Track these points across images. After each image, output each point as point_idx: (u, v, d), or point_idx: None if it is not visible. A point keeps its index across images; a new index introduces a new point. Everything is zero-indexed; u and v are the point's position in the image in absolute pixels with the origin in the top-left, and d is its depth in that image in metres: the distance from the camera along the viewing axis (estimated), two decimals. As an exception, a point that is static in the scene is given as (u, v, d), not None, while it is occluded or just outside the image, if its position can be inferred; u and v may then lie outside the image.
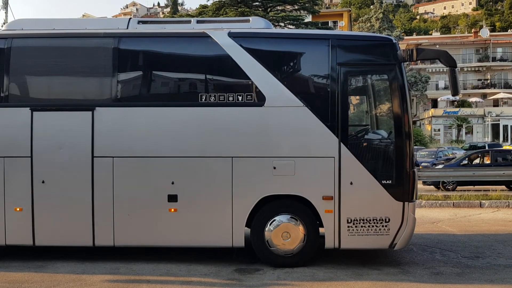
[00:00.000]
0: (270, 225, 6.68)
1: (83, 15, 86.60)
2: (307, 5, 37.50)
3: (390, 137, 6.74)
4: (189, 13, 55.47)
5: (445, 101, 45.82)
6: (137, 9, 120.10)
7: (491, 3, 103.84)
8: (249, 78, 6.70)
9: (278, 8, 37.41)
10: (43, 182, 6.76)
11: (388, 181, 6.55)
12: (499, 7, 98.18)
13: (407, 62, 6.75)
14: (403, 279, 6.23)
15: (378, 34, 8.09)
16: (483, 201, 12.91)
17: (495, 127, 42.68)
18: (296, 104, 6.64)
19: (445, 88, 48.85)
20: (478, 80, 49.95)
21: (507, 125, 41.33)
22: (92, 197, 6.73)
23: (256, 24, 7.17)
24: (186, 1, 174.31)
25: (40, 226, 6.78)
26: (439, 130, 45.07)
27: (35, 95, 7.11)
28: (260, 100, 6.68)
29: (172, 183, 6.69)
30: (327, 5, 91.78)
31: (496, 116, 42.64)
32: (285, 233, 6.65)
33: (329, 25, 46.40)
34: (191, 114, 6.76)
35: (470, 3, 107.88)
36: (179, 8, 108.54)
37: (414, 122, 43.65)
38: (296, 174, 6.61)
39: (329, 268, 6.65)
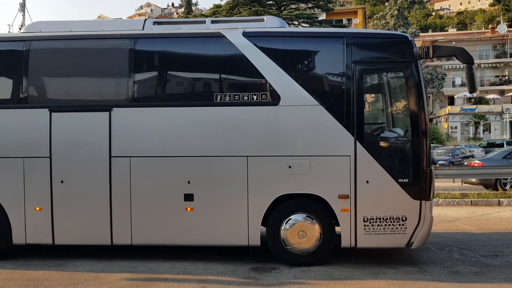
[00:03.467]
0: (286, 224, 6.69)
1: (99, 17, 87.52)
2: (321, 3, 37.33)
3: (406, 135, 6.70)
4: (203, 13, 55.66)
5: (462, 98, 45.24)
6: (151, 10, 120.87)
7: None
8: (263, 77, 6.72)
9: (292, 6, 37.34)
10: (62, 182, 6.87)
11: (404, 180, 6.52)
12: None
13: (423, 60, 6.66)
14: (420, 278, 6.18)
15: (394, 32, 8.09)
16: (502, 199, 12.72)
17: (513, 124, 41.99)
18: (311, 102, 6.64)
19: (462, 85, 48.29)
20: (496, 76, 49.22)
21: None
22: (110, 196, 6.81)
23: (271, 23, 7.19)
24: (200, 1, 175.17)
25: (59, 225, 6.89)
26: (456, 127, 44.54)
27: (53, 96, 7.21)
28: (275, 99, 6.69)
29: (188, 182, 6.74)
30: (341, 3, 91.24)
31: (514, 113, 41.94)
32: (301, 232, 6.65)
33: (344, 22, 46.17)
34: (206, 114, 6.80)
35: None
36: (193, 8, 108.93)
37: (431, 120, 43.15)
38: (312, 173, 6.61)
39: (345, 267, 6.63)
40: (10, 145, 6.96)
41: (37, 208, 6.89)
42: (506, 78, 48.80)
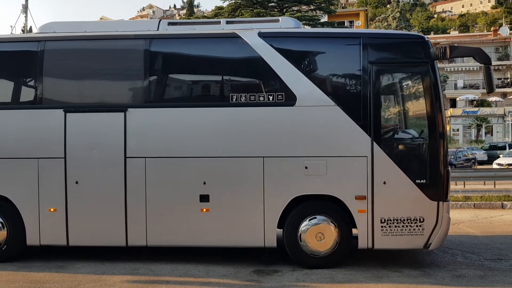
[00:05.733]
0: (303, 225, 6.65)
1: (100, 18, 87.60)
2: (323, 5, 37.30)
3: (423, 136, 6.68)
4: (205, 14, 55.67)
5: (464, 100, 45.14)
6: (153, 12, 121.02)
7: (510, 0, 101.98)
8: (279, 77, 6.70)
9: (294, 8, 37.29)
10: (76, 182, 6.84)
11: (422, 181, 6.48)
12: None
13: (440, 60, 6.67)
14: (424, 281, 6.13)
15: (410, 32, 8.05)
16: (505, 202, 12.67)
17: (515, 127, 41.88)
18: (328, 103, 6.62)
19: (464, 87, 48.23)
20: (498, 79, 49.07)
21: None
22: (125, 197, 6.79)
23: (286, 24, 7.18)
24: (201, 3, 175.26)
25: (74, 226, 6.86)
26: (458, 130, 44.43)
27: (68, 96, 7.18)
28: (291, 99, 6.66)
29: (204, 183, 6.70)
30: (343, 5, 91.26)
31: (517, 115, 41.84)
32: (319, 233, 6.60)
33: (345, 25, 46.14)
34: (222, 114, 6.78)
35: (489, 1, 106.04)
36: (195, 10, 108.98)
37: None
38: (328, 174, 6.58)
39: (348, 270, 6.58)
40: (24, 146, 6.94)
41: (52, 209, 6.86)
42: (509, 80, 48.71)
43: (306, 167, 6.60)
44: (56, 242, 6.95)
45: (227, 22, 7.29)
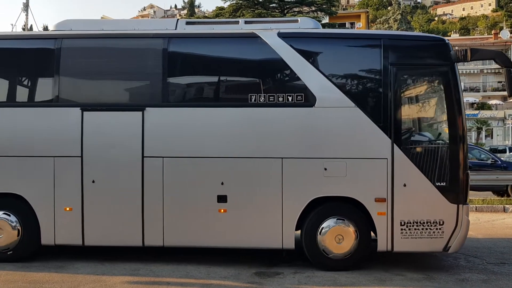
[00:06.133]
0: (322, 227, 6.59)
1: (101, 18, 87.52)
2: (324, 6, 37.26)
3: (444, 139, 6.66)
4: (206, 15, 55.67)
5: (465, 103, 45.14)
6: (154, 12, 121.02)
7: (511, 4, 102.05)
8: (299, 78, 6.66)
9: (295, 9, 37.26)
10: (93, 182, 6.78)
11: (442, 183, 6.43)
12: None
13: (460, 62, 6.71)
14: (428, 285, 6.07)
15: (431, 34, 7.99)
16: (507, 206, 12.62)
17: (516, 130, 41.87)
18: (348, 104, 6.57)
19: (465, 90, 48.17)
20: (498, 82, 49.12)
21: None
22: (142, 197, 6.73)
23: (305, 24, 7.14)
24: (202, 3, 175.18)
25: (90, 226, 6.79)
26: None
27: (85, 95, 7.11)
28: (310, 100, 6.62)
29: (222, 183, 6.65)
30: (344, 7, 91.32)
31: (517, 119, 41.84)
32: (338, 236, 6.55)
33: (346, 26, 46.11)
34: (240, 115, 6.74)
35: (490, 4, 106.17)
36: (196, 10, 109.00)
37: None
38: (348, 176, 6.53)
39: (351, 273, 6.51)
40: (40, 144, 6.87)
41: (67, 208, 6.80)
42: (509, 84, 48.68)
43: (325, 169, 6.55)
44: (71, 241, 6.89)
45: (246, 22, 7.25)
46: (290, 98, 6.62)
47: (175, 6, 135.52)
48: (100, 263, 6.91)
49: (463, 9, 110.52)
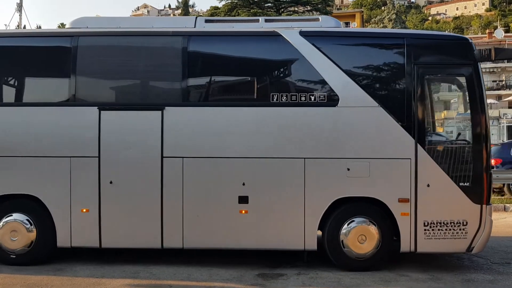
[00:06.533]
0: (345, 227, 6.53)
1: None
2: (319, 6, 37.29)
3: (467, 138, 6.65)
4: (200, 14, 55.55)
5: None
6: (148, 12, 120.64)
7: (504, 3, 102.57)
8: (322, 77, 6.58)
9: (290, 9, 37.22)
10: (111, 182, 6.64)
11: (466, 183, 6.40)
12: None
13: (484, 62, 6.70)
14: (433, 286, 6.00)
15: (453, 34, 7.97)
16: (507, 205, 12.58)
17: (510, 129, 41.97)
18: (371, 104, 6.50)
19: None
20: (493, 81, 49.29)
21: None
22: (161, 198, 6.60)
23: (326, 22, 7.06)
24: (197, 3, 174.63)
25: (107, 228, 6.65)
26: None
27: (102, 94, 7.00)
28: (333, 100, 6.55)
29: (243, 184, 6.55)
30: (338, 6, 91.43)
31: (511, 117, 41.98)
32: (361, 236, 6.50)
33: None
34: (262, 114, 6.64)
35: (483, 4, 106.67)
36: (190, 10, 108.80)
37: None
38: (371, 176, 6.47)
39: (355, 274, 6.43)
40: (56, 144, 6.72)
41: (84, 210, 6.65)
42: (503, 83, 48.89)
43: (348, 169, 6.48)
44: (88, 244, 6.75)
45: (266, 21, 7.13)
46: (312, 98, 6.56)
47: (169, 6, 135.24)
48: (100, 265, 6.78)
49: (457, 9, 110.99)
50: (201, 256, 7.12)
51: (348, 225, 6.51)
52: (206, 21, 7.19)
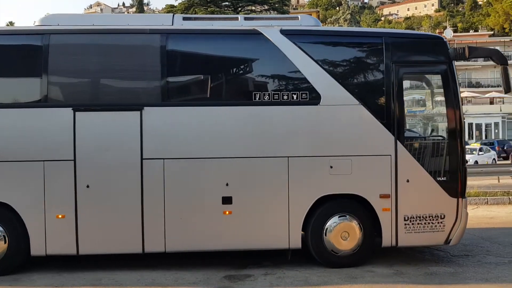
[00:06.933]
0: (328, 225, 6.58)
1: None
2: (276, 5, 37.56)
3: (444, 135, 6.87)
4: (155, 13, 54.63)
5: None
6: (101, 9, 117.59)
7: (452, 4, 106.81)
8: (303, 76, 6.57)
9: (248, 8, 37.26)
10: (87, 186, 6.34)
11: (443, 178, 6.61)
12: (460, 9, 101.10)
13: (458, 61, 6.91)
14: (398, 280, 6.09)
15: (429, 33, 8.22)
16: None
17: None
18: (352, 102, 6.56)
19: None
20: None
21: (472, 123, 42.38)
22: (141, 201, 6.37)
23: (306, 21, 7.05)
24: (152, 1, 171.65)
25: (85, 234, 6.36)
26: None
27: (77, 94, 6.65)
28: (315, 98, 6.55)
29: (227, 184, 6.44)
30: (295, 6, 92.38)
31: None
32: (344, 233, 6.57)
33: (298, 25, 46.56)
34: (244, 114, 6.55)
35: (433, 5, 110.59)
36: (145, 8, 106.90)
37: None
38: (353, 173, 6.53)
39: (321, 272, 6.46)
40: (28, 147, 6.34)
41: (60, 216, 6.33)
42: (459, 82, 50.75)
43: (331, 167, 6.51)
44: (64, 251, 6.44)
45: (245, 19, 7.05)
46: (295, 96, 6.55)
47: (123, 4, 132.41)
48: (58, 273, 6.48)
49: (408, 9, 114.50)
50: (167, 260, 6.95)
51: (330, 222, 6.57)
52: (184, 18, 7.03)
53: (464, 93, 47.29)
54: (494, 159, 26.64)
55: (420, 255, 7.38)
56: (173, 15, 7.01)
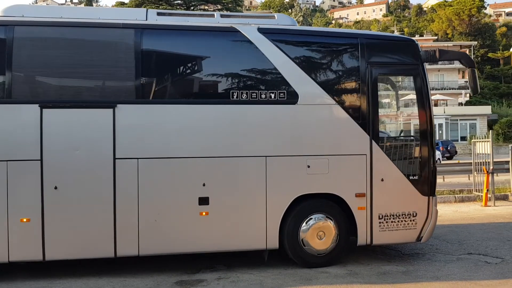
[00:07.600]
0: (304, 225, 6.52)
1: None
2: (229, 5, 37.49)
3: (415, 135, 7.01)
4: (106, 10, 53.10)
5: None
6: (47, 4, 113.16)
7: (399, 10, 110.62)
8: (281, 75, 6.47)
9: (200, 7, 36.96)
10: (55, 188, 5.91)
11: (415, 177, 6.75)
12: (407, 14, 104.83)
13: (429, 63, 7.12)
14: (352, 281, 6.07)
15: (401, 35, 8.39)
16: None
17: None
18: (329, 102, 6.56)
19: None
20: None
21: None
22: (114, 203, 6.01)
23: (283, 20, 6.94)
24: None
25: (52, 238, 5.93)
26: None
27: (44, 90, 6.16)
28: (293, 97, 6.46)
29: (203, 185, 6.21)
30: (247, 7, 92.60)
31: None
32: (320, 232, 6.54)
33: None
34: (222, 112, 6.34)
35: (381, 10, 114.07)
36: (94, 5, 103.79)
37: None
38: (330, 172, 6.50)
39: (276, 274, 6.35)
40: None
41: (24, 220, 5.88)
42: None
43: (308, 166, 6.43)
44: (29, 257, 5.98)
45: (222, 16, 6.86)
46: (272, 96, 6.45)
47: (71, 0, 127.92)
48: (-6, 283, 6.01)
49: (357, 14, 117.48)
50: (115, 265, 6.61)
51: (308, 222, 6.55)
52: (158, 13, 6.73)
53: (410, 95, 49.03)
54: (439, 158, 27.69)
55: (372, 254, 7.43)
56: (147, 10, 6.75)
